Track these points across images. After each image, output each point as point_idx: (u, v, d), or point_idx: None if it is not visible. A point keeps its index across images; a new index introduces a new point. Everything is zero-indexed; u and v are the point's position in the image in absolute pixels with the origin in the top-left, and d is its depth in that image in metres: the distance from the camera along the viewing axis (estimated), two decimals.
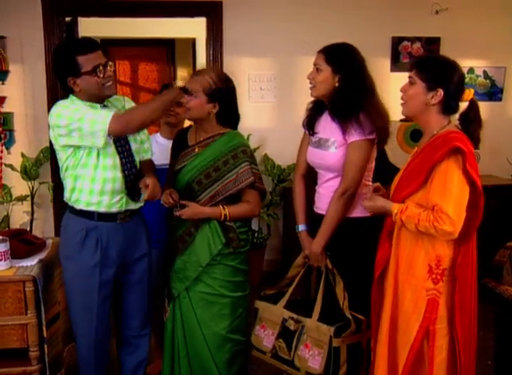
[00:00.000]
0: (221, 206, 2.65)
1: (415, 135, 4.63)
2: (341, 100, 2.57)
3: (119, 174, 2.59)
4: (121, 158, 2.61)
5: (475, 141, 2.26)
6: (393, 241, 2.37)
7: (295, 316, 2.62)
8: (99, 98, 2.59)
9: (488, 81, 5.25)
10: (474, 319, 2.31)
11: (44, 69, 4.73)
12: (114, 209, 2.61)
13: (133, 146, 2.69)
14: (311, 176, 2.84)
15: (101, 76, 2.52)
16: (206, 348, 2.72)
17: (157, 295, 3.11)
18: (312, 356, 2.52)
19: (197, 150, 2.71)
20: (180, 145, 2.81)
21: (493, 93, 5.29)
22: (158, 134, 3.38)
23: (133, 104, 2.77)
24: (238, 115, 2.80)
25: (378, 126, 2.55)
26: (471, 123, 2.29)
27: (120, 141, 2.62)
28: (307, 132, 2.81)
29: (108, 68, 2.56)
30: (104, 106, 2.61)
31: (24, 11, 4.69)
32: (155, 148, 3.23)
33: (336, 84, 2.58)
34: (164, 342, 2.91)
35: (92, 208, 2.58)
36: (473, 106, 2.29)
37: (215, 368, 2.73)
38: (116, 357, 2.98)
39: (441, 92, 2.23)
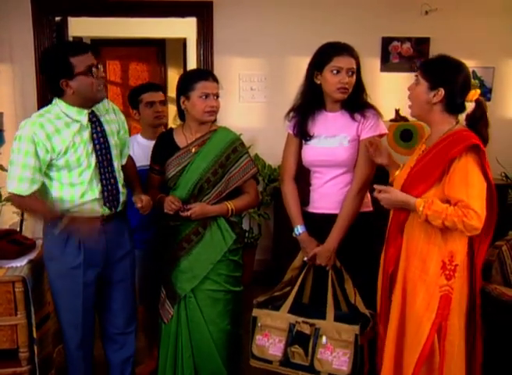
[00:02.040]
0: (226, 202, 2.72)
1: (405, 135, 4.65)
2: (357, 97, 2.65)
3: (96, 184, 2.59)
4: (99, 168, 2.59)
5: (484, 141, 2.30)
6: (404, 237, 2.38)
7: (305, 319, 2.58)
8: (91, 101, 2.57)
9: (477, 81, 5.25)
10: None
11: (33, 69, 4.69)
12: (96, 214, 2.61)
13: (114, 152, 2.68)
14: (301, 178, 2.82)
15: (96, 76, 2.50)
16: (213, 346, 2.75)
17: (142, 295, 3.11)
18: (336, 358, 2.49)
19: (193, 150, 2.70)
20: (167, 148, 2.79)
21: (482, 93, 5.21)
22: (139, 135, 3.35)
23: (115, 108, 2.78)
24: None
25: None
26: (478, 122, 2.32)
27: (102, 150, 2.60)
28: (294, 135, 2.78)
29: (100, 69, 2.55)
30: (93, 114, 2.59)
31: (13, 11, 4.66)
32: (137, 149, 3.22)
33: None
34: (162, 343, 2.89)
35: (75, 214, 2.57)
36: (479, 106, 2.33)
37: (222, 365, 2.77)
38: (104, 354, 2.97)
39: (442, 91, 2.28)
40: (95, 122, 2.59)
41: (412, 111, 2.42)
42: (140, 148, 3.22)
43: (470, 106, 2.34)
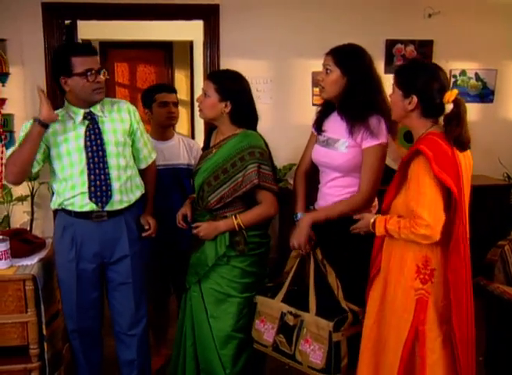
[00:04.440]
0: (232, 217, 2.64)
1: (408, 136, 4.62)
2: (350, 100, 2.55)
3: (85, 178, 2.64)
4: (88, 164, 2.65)
5: (458, 142, 2.20)
6: (385, 241, 2.38)
7: (293, 310, 2.59)
8: (87, 103, 2.65)
9: (479, 83, 5.26)
10: (471, 319, 2.28)
11: (43, 71, 4.70)
12: (86, 209, 2.65)
13: (112, 149, 2.70)
14: (313, 175, 2.83)
15: (91, 80, 2.56)
16: (212, 340, 2.73)
17: (150, 295, 3.12)
18: (313, 351, 2.49)
19: (214, 151, 2.70)
20: (205, 147, 2.85)
21: (485, 95, 5.29)
22: (148, 136, 3.37)
23: (131, 109, 2.85)
24: (255, 114, 2.77)
25: (389, 129, 2.57)
26: (450, 122, 2.23)
27: (92, 146, 2.65)
28: (314, 131, 2.78)
29: (101, 75, 2.60)
30: (90, 113, 2.65)
31: (25, 14, 4.68)
32: None
33: (345, 85, 2.56)
34: (176, 332, 2.93)
35: (69, 208, 2.66)
36: (456, 106, 2.22)
37: (219, 360, 2.74)
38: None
39: (415, 98, 2.23)
40: (91, 120, 2.66)
41: (393, 116, 2.40)
42: None
43: (449, 107, 2.24)
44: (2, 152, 4.61)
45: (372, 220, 2.34)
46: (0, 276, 2.57)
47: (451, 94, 2.22)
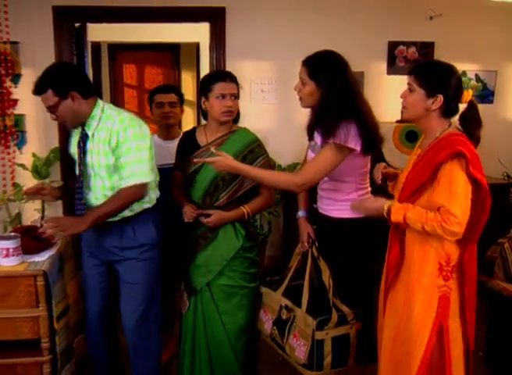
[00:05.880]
0: (242, 207, 2.71)
1: (410, 136, 4.66)
2: (323, 110, 2.48)
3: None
4: (79, 170, 2.71)
5: (475, 141, 2.24)
6: (407, 242, 2.33)
7: (290, 304, 2.61)
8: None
9: (480, 84, 5.26)
10: (476, 312, 2.30)
11: None
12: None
13: (90, 172, 2.70)
14: None
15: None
16: (226, 337, 2.76)
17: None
18: (299, 346, 2.52)
19: (212, 149, 2.70)
20: (189, 146, 2.81)
21: (485, 95, 5.29)
22: (156, 136, 3.39)
23: (117, 119, 2.68)
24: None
25: (365, 137, 2.43)
26: (470, 123, 2.25)
27: (80, 154, 2.69)
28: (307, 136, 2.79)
29: (53, 111, 2.60)
30: (83, 130, 2.67)
31: (36, 18, 4.72)
32: (155, 149, 3.25)
33: (320, 97, 2.48)
34: (183, 332, 2.91)
35: None
36: (472, 107, 2.25)
37: (233, 356, 2.78)
38: None
39: (441, 98, 2.20)
40: (83, 138, 2.67)
41: (406, 115, 2.33)
42: (158, 148, 3.25)
43: (461, 107, 2.26)
44: (14, 152, 4.63)
45: (387, 206, 2.25)
46: (12, 272, 2.58)
47: (468, 95, 2.23)
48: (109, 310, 2.91)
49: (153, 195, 2.78)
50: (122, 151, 2.57)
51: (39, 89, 2.55)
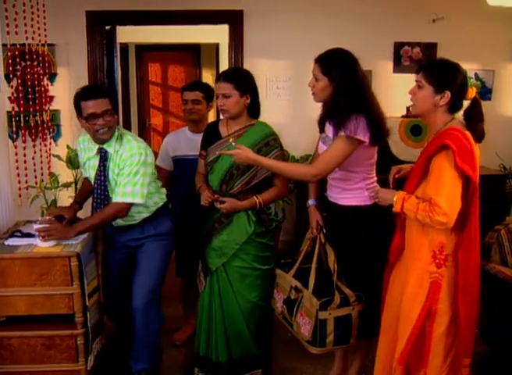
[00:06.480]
0: (255, 197, 2.71)
1: (415, 130, 4.65)
2: (336, 106, 2.46)
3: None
4: (95, 192, 2.80)
5: (479, 136, 2.21)
6: (406, 230, 2.33)
7: (299, 285, 2.61)
8: (94, 140, 2.73)
9: (478, 83, 5.21)
10: (477, 298, 2.25)
11: (86, 72, 4.82)
12: None
13: (114, 185, 2.75)
14: None
15: (92, 123, 2.62)
16: (240, 313, 2.78)
17: (181, 268, 3.30)
18: (304, 324, 2.53)
19: (231, 140, 2.70)
20: (212, 137, 2.82)
21: (483, 93, 5.23)
22: (186, 129, 3.41)
23: (127, 147, 2.71)
24: (259, 106, 2.80)
25: (373, 129, 2.41)
26: (474, 118, 2.21)
27: (99, 180, 2.76)
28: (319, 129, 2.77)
29: (100, 120, 2.60)
30: (102, 149, 2.72)
31: (71, 21, 4.77)
32: (184, 140, 3.29)
33: (332, 91, 2.46)
34: (199, 310, 2.92)
35: None
36: (476, 103, 2.21)
37: (247, 330, 2.80)
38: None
39: (448, 94, 2.17)
40: (102, 156, 2.72)
41: (415, 111, 2.30)
42: (186, 140, 3.34)
43: (465, 104, 2.22)
44: (51, 144, 4.66)
45: (395, 197, 2.25)
46: (49, 253, 2.60)
47: (473, 92, 2.21)
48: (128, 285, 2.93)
49: (162, 195, 2.94)
50: (123, 172, 2.67)
51: None
